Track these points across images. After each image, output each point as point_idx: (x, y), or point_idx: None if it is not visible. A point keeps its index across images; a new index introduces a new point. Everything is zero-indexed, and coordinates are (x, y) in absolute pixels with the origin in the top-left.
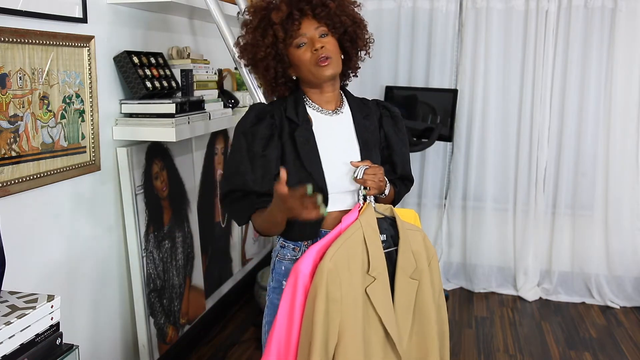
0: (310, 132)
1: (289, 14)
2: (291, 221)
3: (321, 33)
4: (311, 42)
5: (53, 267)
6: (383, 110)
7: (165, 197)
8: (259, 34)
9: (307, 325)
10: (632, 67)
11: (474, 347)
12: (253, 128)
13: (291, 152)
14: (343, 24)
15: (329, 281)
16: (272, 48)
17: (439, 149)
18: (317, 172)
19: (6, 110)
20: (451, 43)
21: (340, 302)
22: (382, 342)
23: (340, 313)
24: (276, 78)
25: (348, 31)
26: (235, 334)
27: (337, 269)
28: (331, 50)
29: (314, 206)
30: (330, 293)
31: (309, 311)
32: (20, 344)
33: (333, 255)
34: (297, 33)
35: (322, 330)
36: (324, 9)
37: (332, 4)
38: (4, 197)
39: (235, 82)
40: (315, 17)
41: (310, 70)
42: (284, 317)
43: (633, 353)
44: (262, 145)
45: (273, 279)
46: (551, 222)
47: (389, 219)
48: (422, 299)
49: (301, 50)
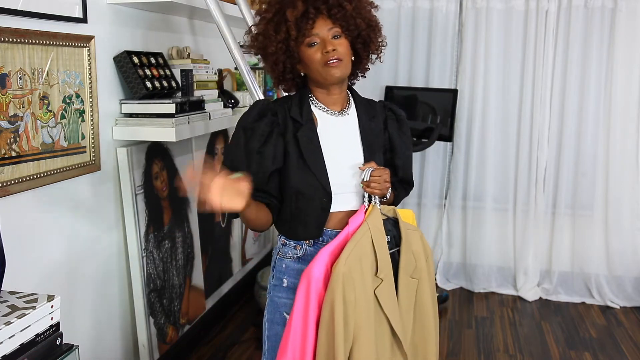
0: (313, 132)
1: (304, 11)
2: (295, 220)
3: (334, 34)
4: (323, 42)
5: (53, 267)
6: (389, 112)
7: (165, 197)
8: (271, 28)
9: (326, 330)
10: (632, 67)
11: (474, 347)
12: (254, 124)
13: (295, 152)
14: (357, 27)
15: (345, 284)
16: (283, 43)
17: (439, 149)
18: (321, 172)
19: (6, 110)
20: (451, 43)
21: (354, 304)
22: (390, 340)
23: (355, 315)
24: (284, 73)
25: (362, 34)
26: (235, 334)
27: (351, 272)
28: (342, 52)
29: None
30: (347, 296)
31: (328, 316)
32: (20, 344)
33: (347, 258)
34: (309, 32)
35: (342, 333)
36: (340, 10)
37: (348, 6)
38: (4, 197)
39: (235, 82)
40: (330, 17)
41: (318, 70)
42: (299, 322)
43: (633, 353)
44: (260, 142)
45: (274, 277)
46: (551, 222)
47: (391, 219)
48: (421, 296)
49: (312, 49)
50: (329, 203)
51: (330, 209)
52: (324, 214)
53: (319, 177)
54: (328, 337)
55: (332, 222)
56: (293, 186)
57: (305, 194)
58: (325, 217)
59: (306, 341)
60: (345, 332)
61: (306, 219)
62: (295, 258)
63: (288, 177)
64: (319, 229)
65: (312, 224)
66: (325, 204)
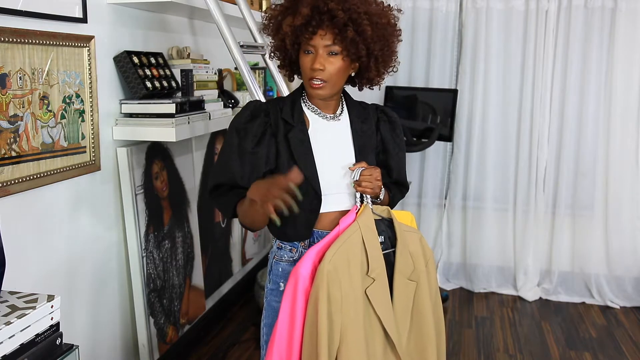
0: (304, 134)
1: (307, 19)
2: (284, 221)
3: (331, 51)
4: (315, 56)
5: (53, 267)
6: (381, 114)
7: (165, 197)
8: (274, 26)
9: (310, 328)
10: (632, 67)
11: (474, 347)
12: (246, 125)
13: (285, 153)
14: (358, 53)
15: (330, 283)
16: (282, 43)
17: (439, 149)
18: (312, 173)
19: (6, 110)
20: (451, 43)
21: (340, 302)
22: (383, 343)
23: (341, 314)
24: (284, 62)
25: (362, 60)
26: (235, 334)
27: (337, 271)
28: (330, 73)
29: (286, 203)
30: (332, 295)
31: (312, 313)
32: (20, 344)
33: (332, 257)
34: (307, 41)
35: (326, 332)
36: (342, 34)
37: (350, 32)
38: (4, 197)
39: (235, 82)
40: (332, 33)
41: (305, 80)
42: (285, 320)
43: (633, 353)
44: (253, 143)
45: (270, 281)
46: (551, 222)
47: (386, 220)
48: (419, 300)
49: (306, 58)
50: (319, 204)
51: (322, 210)
52: (313, 215)
53: (309, 178)
54: (312, 336)
55: (325, 223)
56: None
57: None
58: (314, 218)
59: (292, 340)
60: (330, 331)
61: (296, 220)
62: (292, 261)
63: None
64: (308, 230)
65: (302, 225)
66: (315, 205)
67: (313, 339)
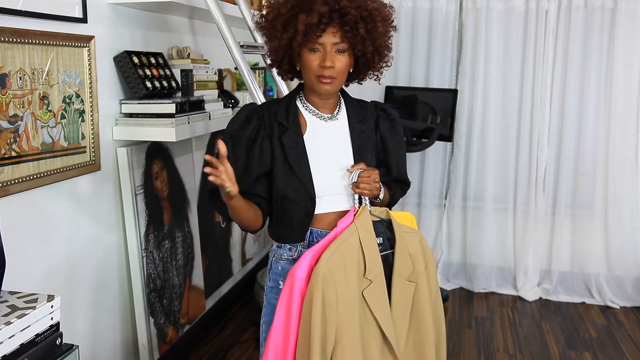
0: (299, 136)
1: (318, 20)
2: (280, 223)
3: (339, 49)
4: (324, 53)
5: (53, 267)
6: (380, 112)
7: (165, 197)
8: (280, 23)
9: (304, 329)
10: (632, 67)
11: (474, 347)
12: (239, 132)
13: (280, 156)
14: (364, 49)
15: (324, 285)
16: (288, 41)
17: (439, 149)
18: (306, 175)
19: (6, 110)
20: (451, 43)
21: (335, 305)
22: (380, 344)
23: (337, 316)
24: (282, 63)
25: (367, 56)
26: (235, 334)
27: (332, 273)
28: (339, 70)
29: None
30: (326, 297)
31: (306, 315)
32: (20, 344)
33: (328, 259)
34: (315, 40)
35: (319, 333)
36: (354, 31)
37: (362, 29)
38: (4, 197)
39: (235, 82)
40: (340, 31)
41: (311, 79)
42: (281, 321)
43: (633, 353)
44: (246, 147)
45: (270, 279)
46: (551, 222)
47: (385, 221)
48: (419, 301)
49: (313, 55)
50: (313, 207)
51: (321, 211)
52: (308, 218)
53: (303, 181)
54: (306, 337)
55: (324, 224)
56: (278, 190)
57: (290, 198)
58: (309, 220)
59: (288, 340)
60: (324, 333)
61: (291, 222)
62: (291, 260)
63: (274, 180)
64: (303, 233)
65: (297, 227)
66: (310, 207)
67: (307, 340)
